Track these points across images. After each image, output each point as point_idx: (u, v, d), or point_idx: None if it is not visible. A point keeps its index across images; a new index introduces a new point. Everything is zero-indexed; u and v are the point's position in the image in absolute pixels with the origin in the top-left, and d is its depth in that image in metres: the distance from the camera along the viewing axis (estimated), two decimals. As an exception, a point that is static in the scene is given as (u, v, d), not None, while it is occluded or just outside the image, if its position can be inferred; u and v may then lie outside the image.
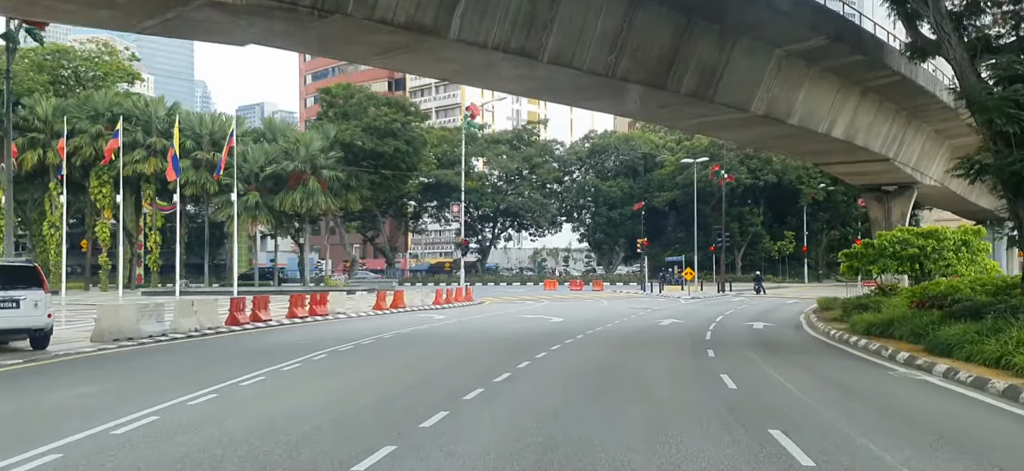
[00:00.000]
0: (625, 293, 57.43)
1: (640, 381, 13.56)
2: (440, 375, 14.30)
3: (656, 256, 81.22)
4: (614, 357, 17.68)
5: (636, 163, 79.84)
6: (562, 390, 12.30)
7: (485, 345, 20.26)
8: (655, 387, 12.85)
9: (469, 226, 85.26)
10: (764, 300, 46.83)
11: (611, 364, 16.23)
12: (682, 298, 48.22)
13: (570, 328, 25.40)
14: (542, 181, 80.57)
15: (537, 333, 23.47)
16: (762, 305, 41.81)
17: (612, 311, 35.60)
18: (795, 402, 11.41)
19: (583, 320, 29.44)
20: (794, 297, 52.82)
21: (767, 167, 73.03)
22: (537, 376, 13.87)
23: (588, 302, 44.83)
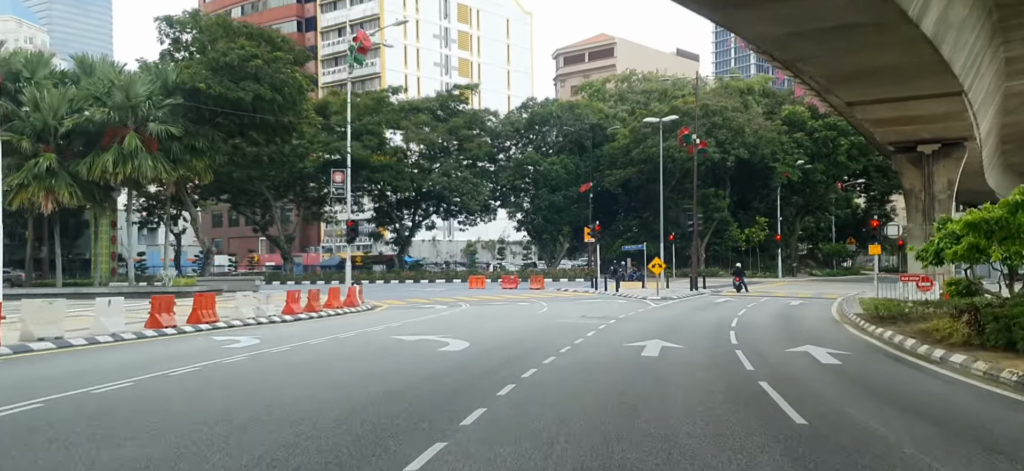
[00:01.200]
0: (572, 292, 44.72)
1: None
2: None
3: (607, 247, 68.85)
4: None
5: (583, 136, 67.36)
6: None
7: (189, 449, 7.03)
8: None
9: (383, 212, 71.41)
10: (760, 301, 34.67)
11: None
12: (650, 299, 35.71)
13: (464, 376, 12.30)
14: (473, 158, 67.27)
15: (373, 396, 10.28)
16: (768, 310, 29.52)
17: (552, 323, 22.70)
18: None
19: (500, 345, 16.55)
20: (784, 293, 41.00)
21: (737, 139, 61.25)
22: None
23: (521, 307, 31.84)
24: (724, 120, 60.21)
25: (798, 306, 32.53)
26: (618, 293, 40.50)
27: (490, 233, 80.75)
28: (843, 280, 66.16)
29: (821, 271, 74.39)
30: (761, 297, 38.52)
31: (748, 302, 34.13)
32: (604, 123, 67.85)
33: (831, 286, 53.31)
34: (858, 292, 43.46)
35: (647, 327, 21.69)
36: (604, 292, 42.07)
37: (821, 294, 41.96)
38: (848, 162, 66.41)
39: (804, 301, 35.92)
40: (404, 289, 52.28)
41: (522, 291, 45.54)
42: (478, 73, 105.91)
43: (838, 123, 63.77)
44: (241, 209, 73.41)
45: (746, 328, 21.68)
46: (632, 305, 31.98)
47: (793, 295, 40.95)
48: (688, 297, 38.01)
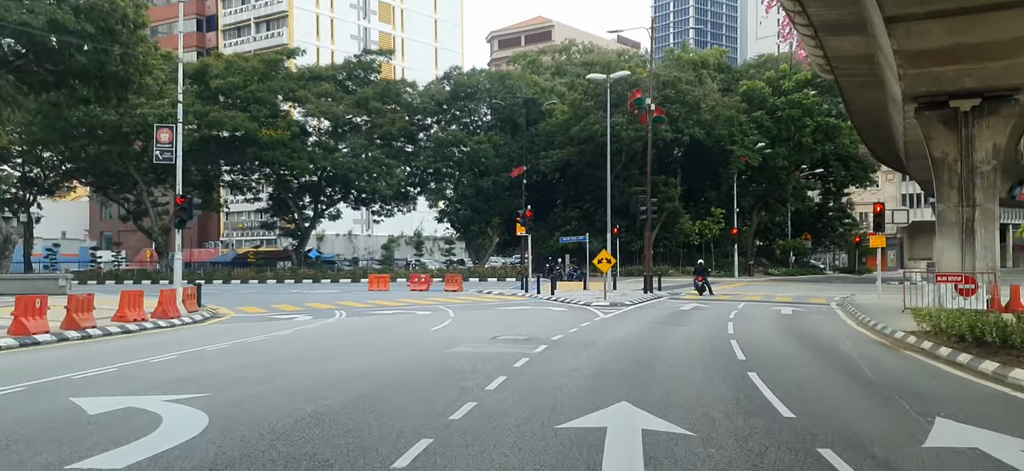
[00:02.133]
0: (497, 294, 35.30)
1: None
2: None
3: (543, 241, 59.76)
4: None
5: (515, 113, 58.13)
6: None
7: None
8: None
9: (279, 200, 60.63)
10: (739, 307, 25.91)
11: None
12: (597, 306, 26.54)
13: None
14: (386, 136, 57.17)
15: None
16: (763, 322, 20.66)
17: (438, 356, 12.98)
18: None
19: (264, 433, 6.50)
20: (756, 295, 32.71)
21: (692, 116, 52.87)
22: None
23: (415, 318, 22.19)
24: (677, 93, 51.82)
25: (797, 315, 23.89)
26: (553, 297, 31.25)
27: (414, 226, 70.73)
28: (806, 280, 58.70)
29: (777, 270, 66.96)
30: (733, 302, 29.93)
31: (724, 309, 25.36)
32: (539, 98, 58.68)
33: (802, 287, 45.39)
34: (844, 294, 35.65)
35: (599, 363, 12.36)
36: (536, 296, 32.80)
37: (804, 298, 33.78)
38: (813, 145, 58.97)
39: (793, 307, 27.44)
40: (292, 291, 41.98)
41: (433, 294, 35.91)
42: (402, 50, 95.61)
43: (803, 101, 56.23)
44: (110, 195, 61.63)
45: (770, 364, 12.56)
46: (573, 316, 22.72)
47: (769, 298, 32.56)
48: (644, 302, 29.00)
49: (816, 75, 57.62)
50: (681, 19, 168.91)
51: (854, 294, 35.30)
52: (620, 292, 34.17)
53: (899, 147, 45.69)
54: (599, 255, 27.81)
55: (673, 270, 57.94)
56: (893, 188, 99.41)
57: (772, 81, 57.49)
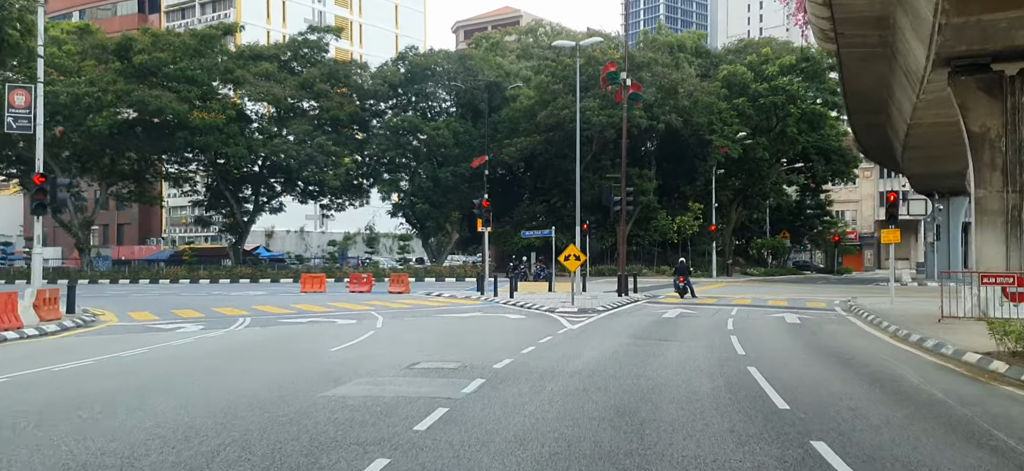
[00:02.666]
0: (448, 297, 30.33)
1: None
2: None
3: (507, 238, 54.93)
4: None
5: (477, 98, 53.18)
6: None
7: None
8: None
9: (215, 191, 54.98)
10: (732, 314, 21.30)
11: None
12: (562, 312, 21.75)
13: None
14: (335, 121, 51.80)
15: None
16: (779, 339, 15.97)
17: (291, 413, 7.68)
18: None
19: None
20: (744, 298, 28.29)
21: (668, 101, 48.39)
22: None
23: (334, 329, 17.13)
24: (653, 76, 47.30)
25: (807, 325, 19.39)
26: (512, 301, 26.41)
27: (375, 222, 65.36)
28: (789, 281, 54.71)
29: (756, 270, 62.96)
30: (722, 306, 25.44)
31: (717, 317, 20.78)
32: (503, 82, 53.81)
33: (790, 289, 41.21)
34: (843, 297, 31.57)
35: (561, 422, 7.53)
36: (493, 299, 27.93)
37: (800, 301, 29.58)
38: (797, 135, 54.94)
39: (795, 313, 22.99)
40: (215, 293, 36.49)
41: (373, 296, 30.85)
42: (360, 37, 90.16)
43: (787, 87, 52.16)
44: (26, 184, 55.35)
45: (831, 416, 7.80)
46: (532, 327, 17.92)
47: (761, 302, 28.21)
48: (619, 307, 24.29)
49: (800, 59, 53.81)
50: (651, 5, 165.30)
51: (856, 297, 31.07)
52: (590, 295, 29.47)
53: (896, 135, 41.74)
54: (565, 251, 23.03)
55: (647, 270, 53.50)
56: (870, 185, 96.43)
57: (754, 66, 53.33)
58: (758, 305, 26.53)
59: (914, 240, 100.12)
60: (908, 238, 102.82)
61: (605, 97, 47.07)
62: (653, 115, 47.93)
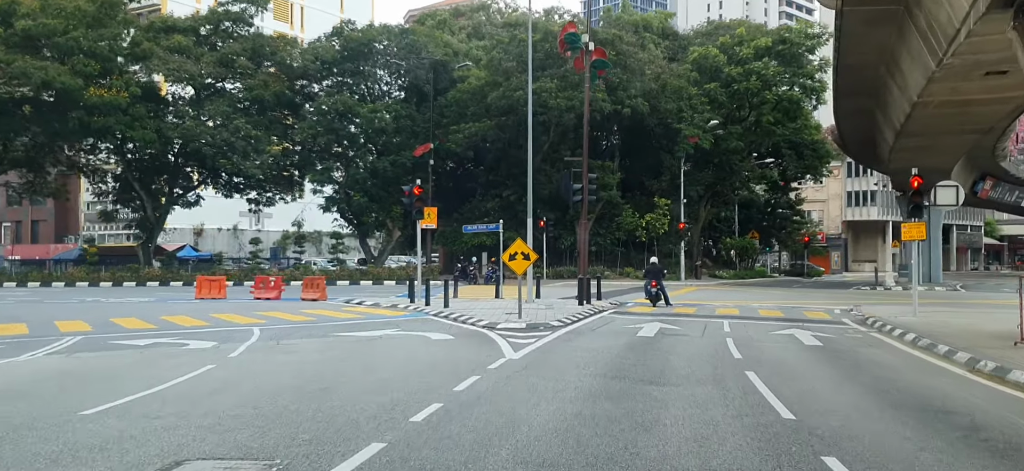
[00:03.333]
0: (369, 306, 24.64)
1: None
2: None
3: (457, 237, 49.32)
4: None
5: (421, 79, 47.50)
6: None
7: None
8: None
9: (124, 182, 48.32)
10: (723, 329, 16.10)
11: None
12: (505, 328, 16.30)
13: None
14: (260, 103, 45.70)
15: None
16: (806, 372, 10.34)
17: None
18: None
19: None
20: (727, 306, 23.24)
21: (634, 84, 43.32)
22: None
23: (163, 358, 11.13)
24: (618, 55, 42.16)
25: (834, 347, 14.33)
26: (446, 311, 20.89)
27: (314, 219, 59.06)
28: (763, 285, 50.31)
29: (726, 272, 58.43)
30: (707, 318, 20.35)
31: (711, 338, 15.58)
32: (451, 61, 48.18)
33: (770, 294, 36.63)
34: (841, 304, 26.97)
35: None
36: (423, 309, 22.33)
37: (795, 310, 24.67)
38: (773, 124, 50.48)
39: (804, 327, 17.94)
40: (98, 297, 30.13)
41: (277, 305, 24.95)
42: (300, 19, 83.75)
43: (763, 71, 47.57)
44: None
45: None
46: (453, 358, 12.40)
47: (750, 311, 23.25)
48: (580, 320, 18.88)
49: (776, 41, 49.29)
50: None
51: (859, 305, 26.29)
52: (544, 303, 24.12)
53: (888, 122, 37.27)
54: (511, 249, 17.53)
55: (610, 271, 48.43)
56: (837, 185, 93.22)
57: (727, 47, 48.66)
58: (750, 317, 21.45)
59: (881, 242, 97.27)
60: (874, 240, 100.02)
61: (564, 77, 41.89)
62: (618, 99, 42.84)
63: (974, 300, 31.85)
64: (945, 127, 33.21)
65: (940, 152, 40.69)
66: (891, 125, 35.57)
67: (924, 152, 40.65)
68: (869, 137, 45.21)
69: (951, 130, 34.06)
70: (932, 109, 29.33)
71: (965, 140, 37.69)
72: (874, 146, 46.61)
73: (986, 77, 24.11)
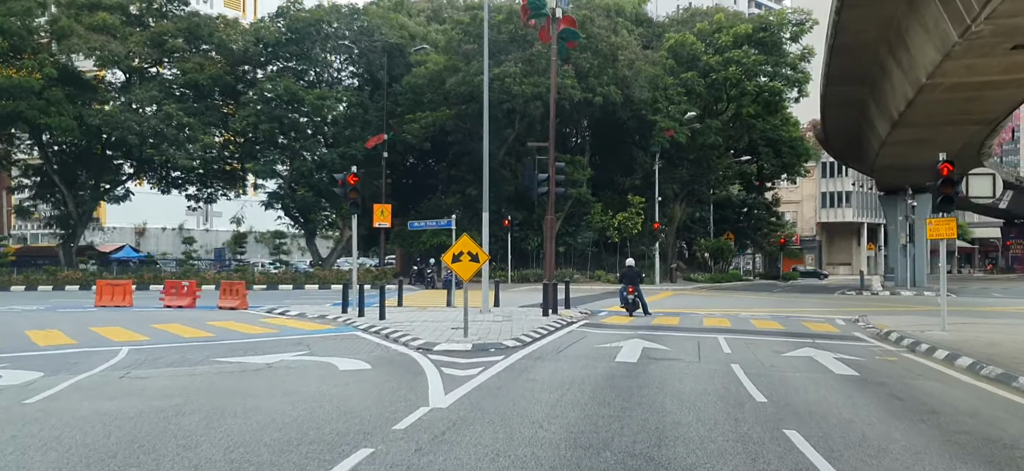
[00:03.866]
0: (290, 318, 20.66)
1: None
2: None
3: (415, 238, 45.35)
4: None
5: (374, 64, 43.54)
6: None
7: None
8: None
9: (43, 175, 43.59)
10: (726, 355, 12.47)
11: None
12: (440, 352, 12.51)
13: None
14: (196, 89, 41.37)
15: None
16: (873, 432, 6.50)
17: None
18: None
19: None
20: (713, 314, 19.71)
21: (606, 71, 39.85)
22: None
23: None
24: (589, 39, 38.62)
25: (885, 379, 10.72)
26: (381, 324, 17.08)
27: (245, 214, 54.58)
28: (744, 289, 47.33)
29: (701, 276, 55.31)
30: (695, 332, 16.88)
31: (710, 362, 12.01)
32: (407, 44, 44.19)
33: (756, 300, 33.45)
34: (831, 311, 24.05)
35: None
36: (354, 322, 18.44)
37: (792, 320, 21.52)
38: (753, 117, 47.39)
39: (817, 344, 14.49)
40: None
41: (183, 314, 20.86)
42: (253, 5, 79.10)
43: (742, 59, 44.39)
44: None
45: None
46: (354, 408, 8.51)
47: (742, 323, 19.88)
48: (542, 338, 15.13)
49: (757, 28, 46.07)
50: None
51: (865, 313, 23.00)
52: (503, 313, 20.41)
53: (883, 112, 34.14)
54: (454, 247, 13.68)
55: (580, 275, 44.94)
56: (812, 185, 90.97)
57: (704, 34, 45.40)
58: (745, 330, 17.96)
59: (855, 245, 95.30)
60: (849, 242, 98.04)
61: (530, 62, 38.26)
62: (588, 86, 39.31)
63: (979, 307, 28.84)
64: (948, 116, 30.20)
65: (934, 147, 37.72)
66: (886, 115, 32.52)
67: (918, 147, 37.70)
68: (856, 131, 42.27)
69: (954, 120, 31.08)
70: (939, 94, 26.23)
71: (964, 133, 34.81)
72: (860, 141, 43.69)
73: (1011, 52, 21.00)
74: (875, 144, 38.88)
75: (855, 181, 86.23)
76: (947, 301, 18.44)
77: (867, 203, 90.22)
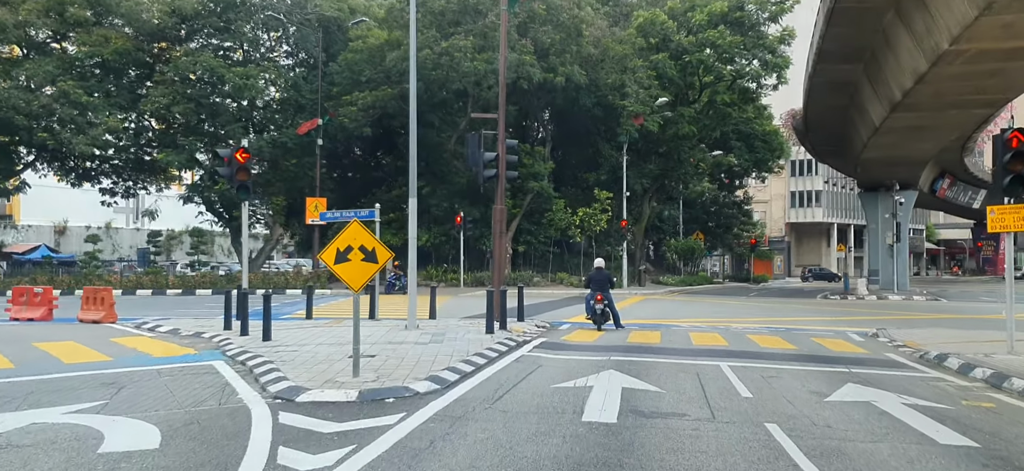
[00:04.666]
0: (160, 335, 15.84)
1: None
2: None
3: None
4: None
5: (309, 40, 38.61)
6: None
7: None
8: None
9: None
10: (777, 440, 8.06)
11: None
12: (295, 418, 7.95)
13: None
14: (102, 65, 36.04)
15: None
16: None
17: None
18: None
19: None
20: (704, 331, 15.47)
21: (570, 48, 35.51)
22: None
23: None
24: (549, 10, 34.24)
25: (973, 428, 6.26)
26: (261, 349, 12.40)
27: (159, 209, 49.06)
28: (720, 293, 43.53)
29: (672, 279, 51.35)
30: (685, 357, 12.54)
31: (723, 408, 7.58)
32: (346, 19, 39.28)
33: (738, 306, 29.61)
34: (830, 319, 20.52)
35: None
36: (229, 345, 13.72)
37: (793, 333, 17.54)
38: (728, 106, 43.55)
39: (859, 372, 10.14)
40: None
41: (23, 331, 15.92)
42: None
43: (718, 41, 40.46)
44: None
45: None
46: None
47: (736, 339, 15.71)
48: (478, 371, 10.64)
49: (734, 7, 42.18)
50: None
51: (886, 328, 18.96)
52: (436, 328, 15.91)
53: (883, 93, 30.41)
54: (337, 240, 9.03)
55: (540, 277, 40.60)
56: (781, 184, 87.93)
57: (676, 12, 41.36)
58: (749, 353, 13.72)
59: (825, 246, 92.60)
60: (818, 244, 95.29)
61: (484, 35, 33.76)
62: (549, 65, 34.92)
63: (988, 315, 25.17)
64: (959, 96, 26.40)
65: (932, 135, 34.23)
66: (885, 96, 28.68)
67: (911, 137, 34.09)
68: (841, 121, 38.55)
69: (962, 101, 27.35)
70: (958, 65, 22.31)
71: (966, 120, 31.30)
72: (844, 133, 39.98)
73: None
74: (864, 134, 35.21)
75: (829, 179, 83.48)
76: (944, 306, 14.40)
77: (838, 202, 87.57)
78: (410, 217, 16.09)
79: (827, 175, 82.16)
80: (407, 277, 35.70)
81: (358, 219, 12.01)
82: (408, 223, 16.20)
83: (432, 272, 41.55)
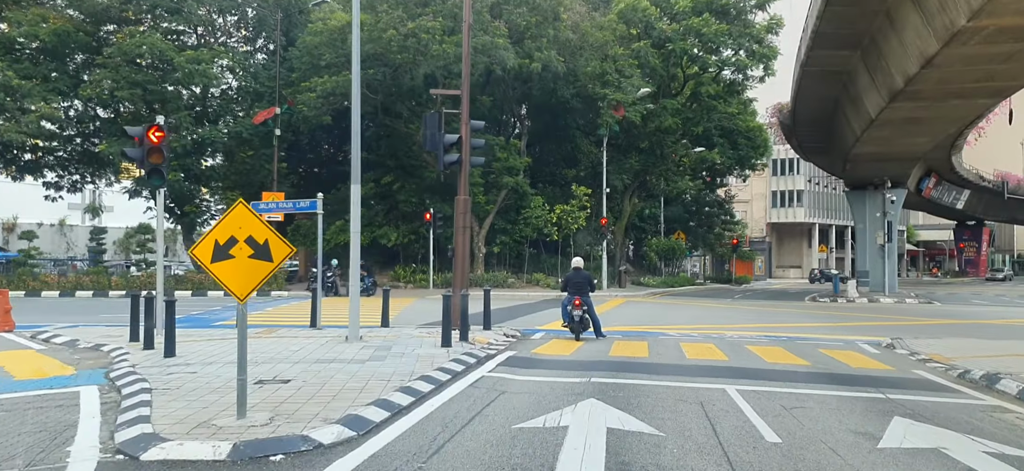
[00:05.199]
0: (26, 357, 13.25)
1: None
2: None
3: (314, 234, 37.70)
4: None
5: (268, 23, 35.94)
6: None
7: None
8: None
9: None
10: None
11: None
12: (163, 458, 5.53)
13: None
14: (42, 48, 33.18)
15: None
16: None
17: None
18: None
19: None
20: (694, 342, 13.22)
21: (546, 32, 33.19)
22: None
23: None
24: (525, -8, 31.93)
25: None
26: (157, 370, 9.92)
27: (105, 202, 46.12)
28: (702, 294, 41.49)
29: (653, 280, 49.25)
30: (679, 379, 10.17)
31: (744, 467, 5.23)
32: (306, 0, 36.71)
33: (726, 310, 27.53)
34: (833, 326, 19.44)
35: None
36: (123, 362, 11.25)
37: (797, 340, 15.55)
38: (713, 99, 41.52)
39: (900, 401, 7.71)
40: None
41: None
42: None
43: (702, 29, 38.38)
44: None
45: None
46: None
47: (738, 354, 13.23)
48: (419, 404, 8.31)
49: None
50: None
51: (902, 338, 16.81)
52: (385, 340, 13.51)
53: (877, 83, 28.53)
54: (215, 229, 6.70)
55: (515, 279, 38.26)
56: (762, 184, 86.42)
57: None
58: (757, 372, 11.49)
59: (806, 246, 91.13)
60: (799, 244, 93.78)
61: (454, 17, 31.33)
62: (525, 50, 32.57)
63: (988, 320, 23.23)
64: (967, 82, 24.40)
65: (929, 128, 32.36)
66: (885, 85, 26.67)
67: (907, 130, 32.17)
68: (830, 114, 36.61)
69: (968, 90, 25.39)
70: (974, 45, 20.27)
71: (969, 110, 29.40)
72: (833, 128, 38.08)
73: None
74: (857, 127, 33.25)
75: (810, 178, 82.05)
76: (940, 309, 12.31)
77: (820, 202, 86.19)
78: (353, 207, 13.67)
79: (810, 174, 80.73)
80: (370, 277, 33.01)
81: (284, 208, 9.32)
82: (350, 213, 13.76)
83: (400, 272, 39.07)
